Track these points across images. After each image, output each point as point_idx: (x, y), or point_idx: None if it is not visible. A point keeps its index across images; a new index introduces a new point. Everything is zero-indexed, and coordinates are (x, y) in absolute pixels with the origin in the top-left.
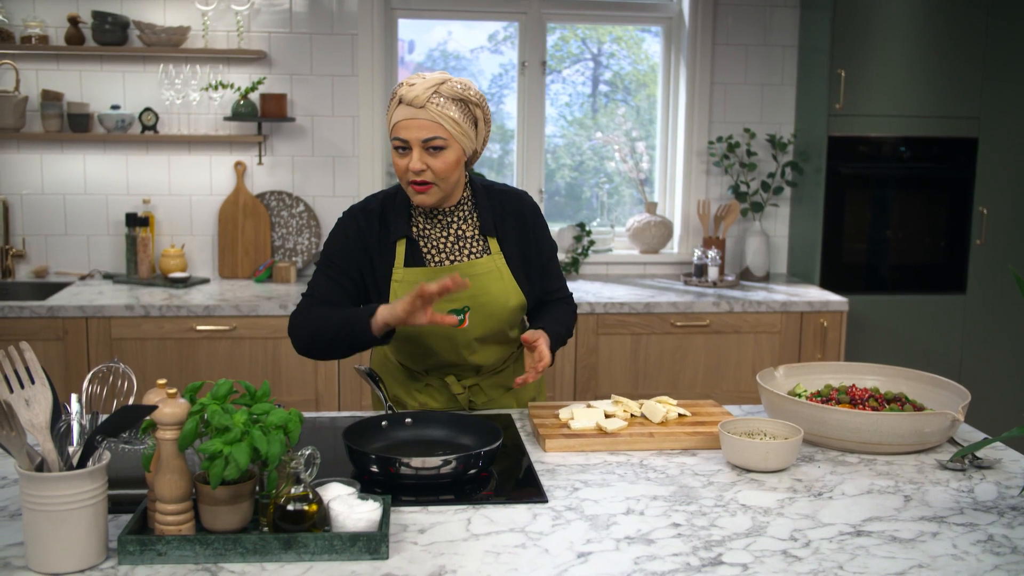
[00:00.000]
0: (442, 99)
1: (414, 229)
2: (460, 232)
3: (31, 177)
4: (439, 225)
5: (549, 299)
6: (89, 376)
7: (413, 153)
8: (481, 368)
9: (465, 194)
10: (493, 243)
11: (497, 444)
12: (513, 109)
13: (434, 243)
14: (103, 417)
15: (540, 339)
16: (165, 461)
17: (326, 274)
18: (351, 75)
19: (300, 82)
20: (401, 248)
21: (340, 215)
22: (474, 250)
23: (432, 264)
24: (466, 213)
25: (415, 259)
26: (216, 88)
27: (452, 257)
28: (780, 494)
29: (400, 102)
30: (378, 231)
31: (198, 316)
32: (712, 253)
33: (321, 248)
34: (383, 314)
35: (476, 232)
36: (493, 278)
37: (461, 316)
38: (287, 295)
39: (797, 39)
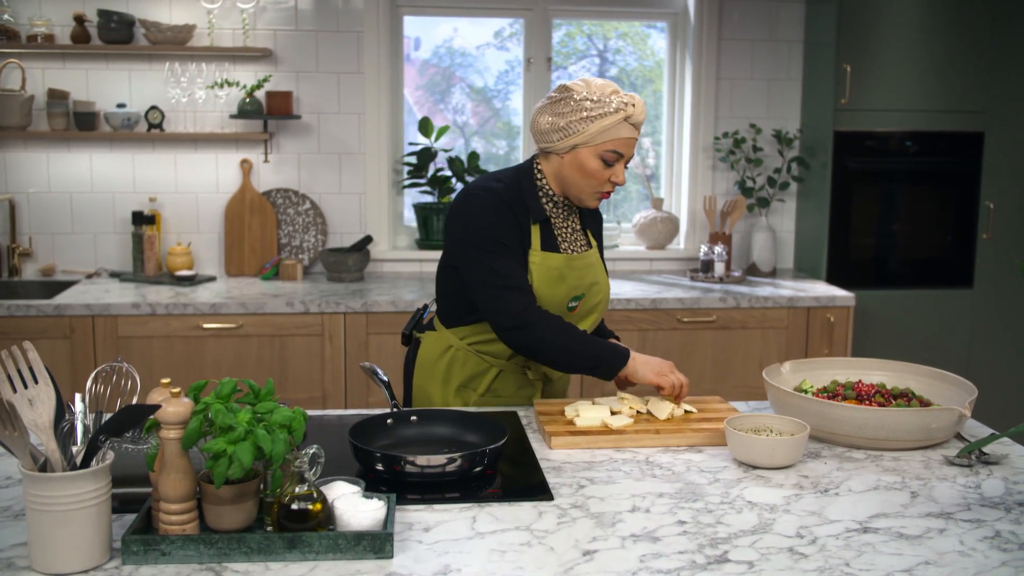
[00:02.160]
0: None
1: (547, 213)
2: (575, 225)
3: (38, 176)
4: (562, 215)
5: None
6: (93, 376)
7: (621, 166)
8: None
9: None
10: (589, 235)
11: (502, 442)
12: (519, 106)
13: (560, 231)
14: (107, 417)
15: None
16: (169, 460)
17: (508, 257)
18: (357, 72)
19: (306, 79)
20: (536, 231)
21: (475, 196)
22: (583, 243)
23: (565, 251)
24: (575, 208)
25: (549, 244)
26: (222, 86)
27: (573, 247)
28: (786, 491)
29: (625, 119)
30: (523, 213)
31: (205, 314)
32: (718, 249)
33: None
34: (634, 367)
35: (580, 226)
36: (598, 269)
37: (577, 303)
38: (293, 293)
39: (803, 34)
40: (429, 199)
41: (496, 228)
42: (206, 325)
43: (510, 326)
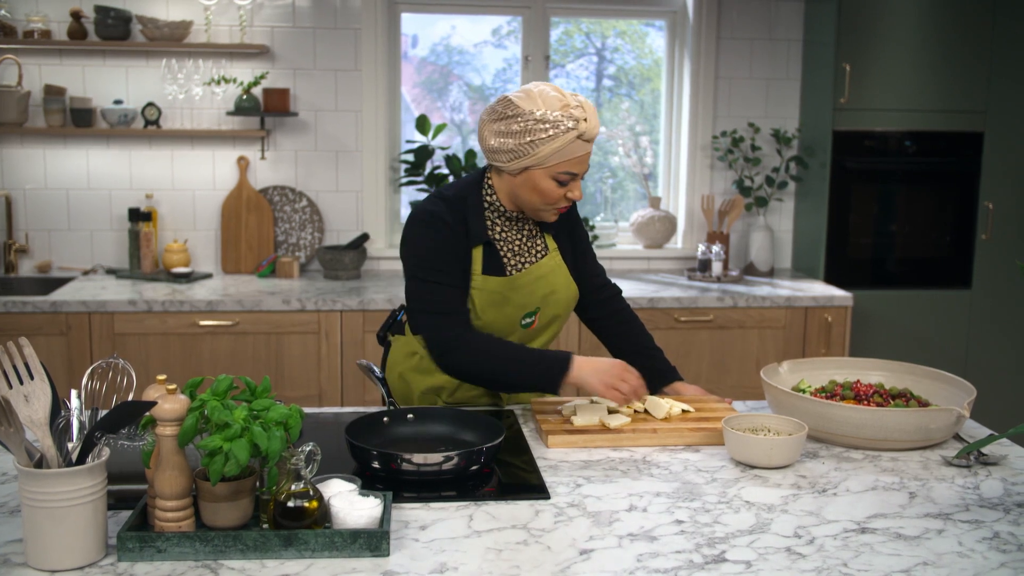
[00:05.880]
0: None
1: (490, 233)
2: (529, 232)
3: (34, 172)
4: (515, 227)
5: (604, 294)
6: (88, 372)
7: (577, 183)
8: None
9: None
10: (549, 239)
11: (499, 440)
12: None
13: (510, 246)
14: (103, 413)
15: (703, 397)
16: (165, 457)
17: (439, 283)
18: (354, 70)
19: (303, 77)
20: (479, 253)
21: (419, 220)
22: (539, 249)
23: (510, 271)
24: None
25: (493, 266)
26: (219, 83)
27: (526, 259)
28: (784, 491)
29: (579, 136)
30: (463, 235)
31: (201, 311)
32: (716, 248)
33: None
34: (579, 376)
35: (537, 229)
36: (556, 275)
37: (532, 318)
38: (290, 290)
39: (802, 33)
40: None
41: (432, 253)
42: (202, 322)
43: (437, 353)
